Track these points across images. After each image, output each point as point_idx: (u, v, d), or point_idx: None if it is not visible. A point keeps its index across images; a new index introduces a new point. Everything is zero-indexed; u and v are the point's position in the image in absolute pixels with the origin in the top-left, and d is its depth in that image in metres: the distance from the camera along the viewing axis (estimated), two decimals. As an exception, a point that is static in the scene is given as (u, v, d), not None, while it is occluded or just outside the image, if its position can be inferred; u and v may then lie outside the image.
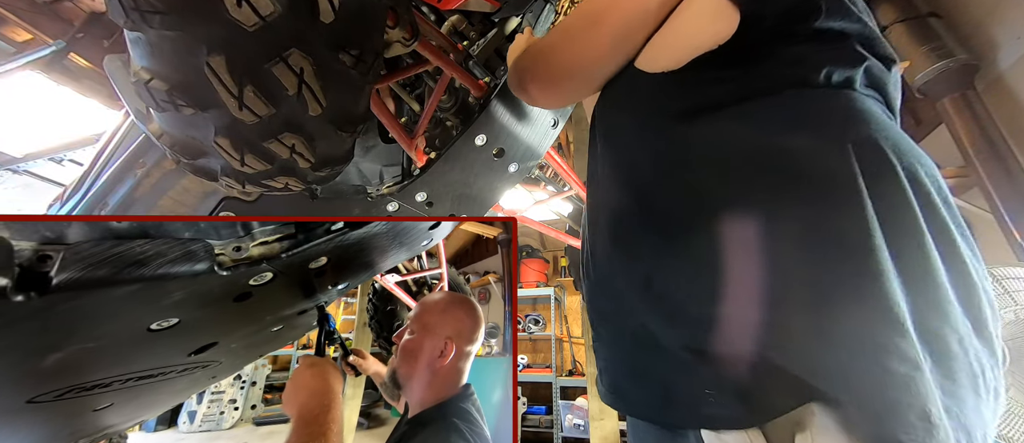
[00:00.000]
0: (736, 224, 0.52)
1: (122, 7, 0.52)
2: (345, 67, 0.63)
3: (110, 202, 1.04)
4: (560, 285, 5.86)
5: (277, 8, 0.53)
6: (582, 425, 4.47)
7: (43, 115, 3.09)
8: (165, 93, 0.59)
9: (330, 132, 0.70)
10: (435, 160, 1.04)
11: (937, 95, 2.45)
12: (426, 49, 0.95)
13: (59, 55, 2.78)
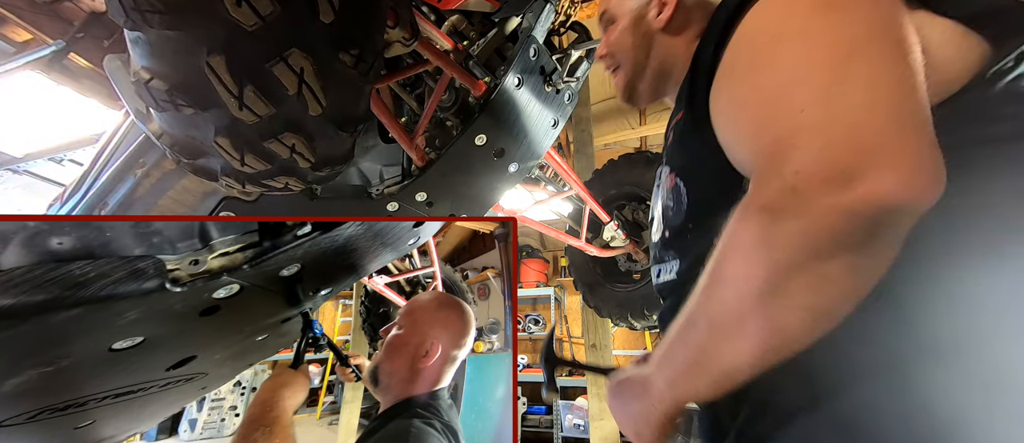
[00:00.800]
0: None
1: (122, 7, 0.52)
2: (345, 67, 0.63)
3: (110, 202, 1.04)
4: (560, 285, 5.86)
5: (277, 8, 0.53)
6: (582, 425, 4.47)
7: (43, 115, 3.09)
8: (165, 93, 0.59)
9: (330, 132, 0.70)
10: (435, 160, 1.04)
11: (937, 95, 2.44)
12: (426, 49, 0.95)
13: (59, 55, 2.78)
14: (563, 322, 5.64)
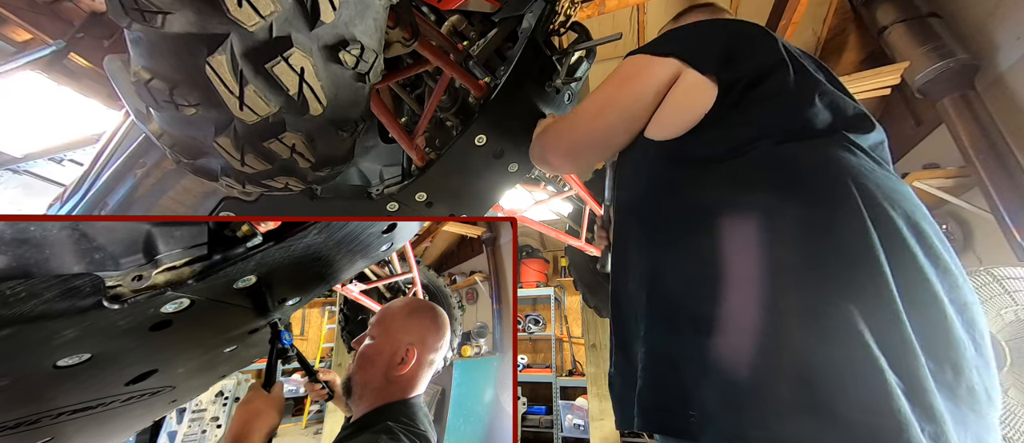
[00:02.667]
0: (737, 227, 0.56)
1: (122, 7, 0.52)
2: (345, 67, 0.63)
3: (110, 202, 1.04)
4: (560, 285, 5.86)
5: (278, 7, 0.53)
6: (582, 425, 4.47)
7: (43, 115, 3.08)
8: (165, 92, 0.59)
9: (330, 132, 0.70)
10: (435, 160, 1.04)
11: (937, 95, 2.45)
12: (426, 49, 0.95)
13: (59, 55, 2.77)
14: (563, 322, 5.64)
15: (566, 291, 5.83)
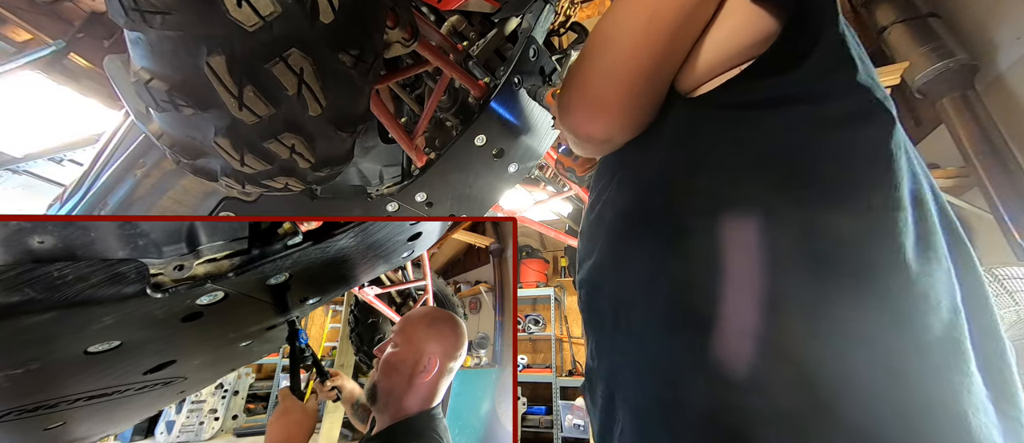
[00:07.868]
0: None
1: (122, 7, 0.52)
2: (345, 67, 0.63)
3: (110, 202, 1.04)
4: (560, 285, 5.86)
5: (277, 8, 0.53)
6: (582, 425, 4.47)
7: (43, 115, 3.08)
8: (165, 93, 0.59)
9: (330, 132, 0.70)
10: (435, 160, 1.04)
11: (937, 95, 2.45)
12: (426, 49, 0.95)
13: (59, 55, 2.78)
14: (563, 322, 5.64)
15: (566, 291, 5.83)
